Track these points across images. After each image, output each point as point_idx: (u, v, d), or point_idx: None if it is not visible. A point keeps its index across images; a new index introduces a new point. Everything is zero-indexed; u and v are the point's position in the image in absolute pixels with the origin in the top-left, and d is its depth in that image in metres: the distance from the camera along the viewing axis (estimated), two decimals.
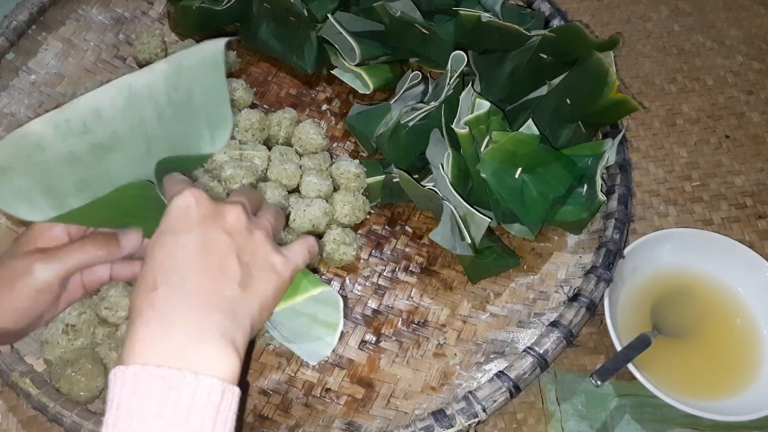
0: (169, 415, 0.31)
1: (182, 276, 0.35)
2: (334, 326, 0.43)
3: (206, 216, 0.37)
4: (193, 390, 0.31)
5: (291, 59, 0.78)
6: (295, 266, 0.40)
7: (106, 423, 0.31)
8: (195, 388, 0.31)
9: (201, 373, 0.32)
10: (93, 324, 0.59)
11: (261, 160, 0.68)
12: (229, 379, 0.33)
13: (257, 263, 0.38)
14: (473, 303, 0.65)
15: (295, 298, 0.42)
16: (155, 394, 0.31)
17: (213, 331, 0.34)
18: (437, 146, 0.65)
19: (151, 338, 0.33)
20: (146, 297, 0.34)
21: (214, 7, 0.76)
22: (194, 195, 0.37)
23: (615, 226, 0.63)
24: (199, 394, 0.31)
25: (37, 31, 0.78)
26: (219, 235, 0.37)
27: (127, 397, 0.31)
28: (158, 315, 0.33)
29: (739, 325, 0.64)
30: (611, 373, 0.57)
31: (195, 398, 0.31)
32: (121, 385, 0.31)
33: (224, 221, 0.37)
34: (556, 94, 0.66)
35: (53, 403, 0.53)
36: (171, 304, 0.34)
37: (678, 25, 0.89)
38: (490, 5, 0.75)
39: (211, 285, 0.35)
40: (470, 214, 0.60)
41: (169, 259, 0.35)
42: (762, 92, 0.82)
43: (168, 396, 0.31)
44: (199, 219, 0.37)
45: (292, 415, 0.59)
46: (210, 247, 0.36)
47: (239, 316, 0.35)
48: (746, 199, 0.74)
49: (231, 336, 0.34)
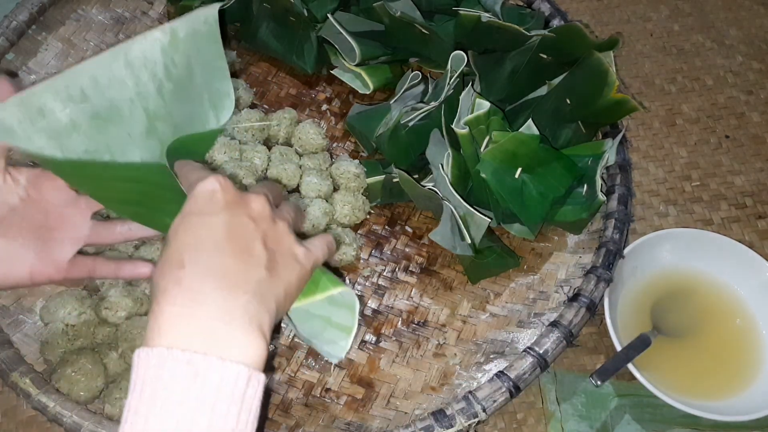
0: (193, 401, 0.30)
1: (210, 255, 0.34)
2: (348, 330, 0.43)
3: (232, 202, 0.37)
4: (219, 377, 0.31)
5: (291, 59, 0.78)
6: (315, 259, 0.40)
7: (128, 405, 0.30)
8: (221, 374, 0.31)
9: (228, 359, 0.31)
10: (93, 324, 0.59)
11: (261, 160, 0.68)
12: (256, 364, 0.33)
13: (281, 251, 0.38)
14: (473, 303, 0.65)
15: (315, 295, 0.42)
16: (180, 380, 0.30)
17: (241, 313, 0.33)
18: (437, 146, 0.65)
19: (178, 317, 0.32)
20: (173, 275, 0.33)
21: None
22: (219, 181, 0.37)
23: (615, 226, 0.63)
24: (225, 381, 0.31)
25: (37, 31, 0.78)
26: (245, 220, 0.36)
27: (151, 381, 0.30)
28: (185, 293, 0.32)
29: (739, 325, 0.64)
30: (611, 373, 0.57)
31: (221, 385, 0.31)
32: (145, 368, 0.30)
33: (249, 208, 0.37)
34: (556, 94, 0.66)
35: (53, 403, 0.53)
36: (199, 283, 0.33)
37: (678, 25, 0.89)
38: (490, 5, 0.75)
39: (239, 266, 0.34)
40: (470, 214, 0.60)
41: (196, 239, 0.35)
42: (762, 92, 0.82)
43: (193, 382, 0.30)
44: (225, 204, 0.36)
45: (292, 415, 0.59)
46: (237, 230, 0.36)
47: (266, 300, 0.35)
48: (746, 199, 0.74)
49: (258, 319, 0.34)
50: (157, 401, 0.30)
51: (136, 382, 0.31)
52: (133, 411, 0.30)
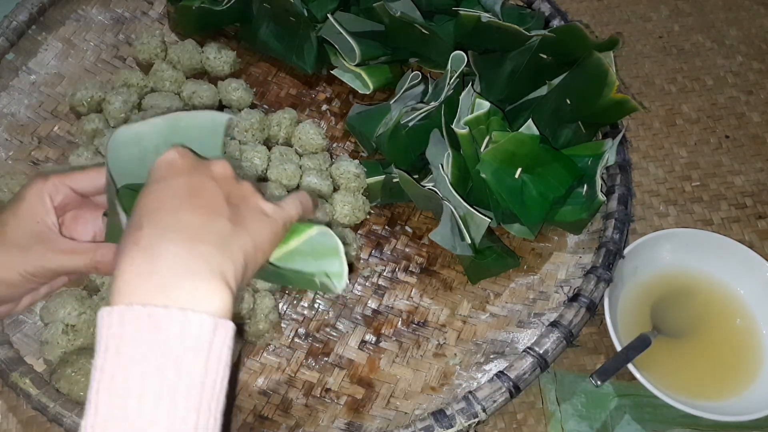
0: (158, 354, 0.30)
1: (167, 213, 0.34)
2: (338, 275, 0.41)
3: (192, 166, 0.37)
4: (181, 327, 0.30)
5: (291, 59, 0.78)
6: (287, 215, 0.39)
7: (94, 366, 0.30)
8: (183, 325, 0.30)
9: (190, 309, 0.31)
10: (93, 324, 0.59)
11: (261, 160, 0.68)
12: (222, 313, 0.32)
13: (248, 207, 0.37)
14: (473, 303, 0.65)
15: (291, 241, 0.41)
16: (143, 334, 0.30)
17: (201, 263, 0.32)
18: (437, 146, 0.65)
19: (137, 276, 0.31)
20: (131, 237, 0.33)
21: (214, 7, 0.76)
22: (177, 150, 0.37)
23: (615, 226, 0.63)
24: (189, 332, 0.30)
25: (37, 31, 0.78)
26: (206, 180, 0.36)
27: (114, 339, 0.30)
28: (143, 251, 0.32)
29: (739, 325, 0.64)
30: (611, 373, 0.57)
31: (184, 336, 0.30)
32: (107, 327, 0.30)
33: (210, 170, 0.37)
34: (556, 94, 0.66)
35: (53, 403, 0.53)
36: (157, 240, 0.32)
37: (678, 25, 0.89)
38: (490, 5, 0.75)
39: (199, 220, 0.34)
40: (470, 214, 0.60)
41: (156, 201, 0.34)
42: (762, 92, 0.82)
43: (156, 335, 0.30)
44: (185, 168, 0.36)
45: (292, 415, 0.59)
46: (197, 189, 0.35)
47: (231, 251, 0.34)
48: (746, 199, 0.74)
49: (221, 269, 0.33)
50: (122, 357, 0.30)
51: (100, 342, 0.30)
52: (99, 369, 0.30)
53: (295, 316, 0.64)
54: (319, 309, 0.65)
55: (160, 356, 0.30)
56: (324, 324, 0.64)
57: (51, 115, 0.74)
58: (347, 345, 0.63)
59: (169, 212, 0.34)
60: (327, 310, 0.65)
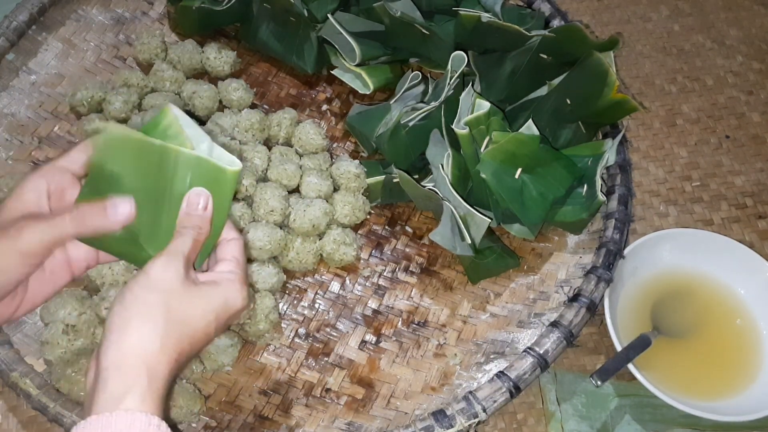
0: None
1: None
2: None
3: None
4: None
5: (291, 59, 0.78)
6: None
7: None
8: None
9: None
10: (93, 324, 0.59)
11: (261, 160, 0.68)
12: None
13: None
14: (473, 303, 0.65)
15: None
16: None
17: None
18: (437, 146, 0.65)
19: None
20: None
21: (214, 7, 0.76)
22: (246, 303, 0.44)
23: (615, 227, 0.63)
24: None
25: (37, 31, 0.78)
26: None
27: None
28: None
29: (739, 325, 0.64)
30: (611, 373, 0.57)
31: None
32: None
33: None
34: (556, 94, 0.66)
35: (53, 404, 0.53)
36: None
37: (678, 25, 0.89)
38: (490, 5, 0.75)
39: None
40: (470, 214, 0.60)
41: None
42: (762, 92, 0.82)
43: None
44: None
45: (292, 415, 0.59)
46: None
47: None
48: (746, 199, 0.74)
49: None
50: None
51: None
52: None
53: (296, 316, 0.64)
54: (319, 309, 0.65)
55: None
56: (324, 324, 0.64)
57: (51, 115, 0.74)
58: (347, 345, 0.63)
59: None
60: (327, 310, 0.65)
